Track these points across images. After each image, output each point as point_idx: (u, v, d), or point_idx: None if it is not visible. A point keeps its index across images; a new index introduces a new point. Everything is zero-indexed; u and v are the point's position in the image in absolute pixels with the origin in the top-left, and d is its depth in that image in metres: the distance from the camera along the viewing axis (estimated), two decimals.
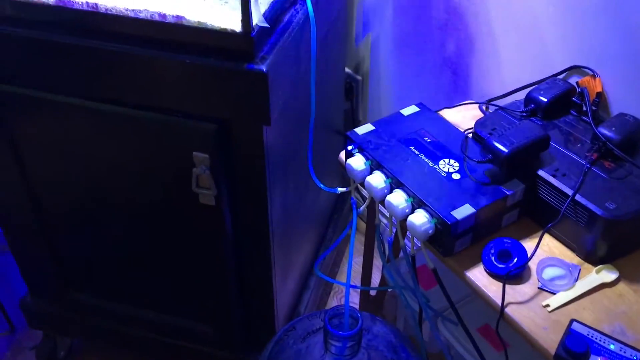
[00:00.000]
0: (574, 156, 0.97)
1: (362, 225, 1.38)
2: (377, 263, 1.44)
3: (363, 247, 1.36)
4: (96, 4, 0.89)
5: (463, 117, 1.20)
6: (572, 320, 0.83)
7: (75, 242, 1.26)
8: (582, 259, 0.93)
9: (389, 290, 1.39)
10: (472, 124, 1.08)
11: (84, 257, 1.29)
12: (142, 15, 0.88)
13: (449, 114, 1.19)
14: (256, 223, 1.09)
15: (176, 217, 1.11)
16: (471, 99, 1.31)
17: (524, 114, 1.06)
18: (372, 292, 1.46)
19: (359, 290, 1.54)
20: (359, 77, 1.67)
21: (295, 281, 1.41)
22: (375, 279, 1.58)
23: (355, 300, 1.58)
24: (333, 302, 1.67)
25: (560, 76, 1.09)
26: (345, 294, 1.13)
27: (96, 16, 0.90)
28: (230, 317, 1.26)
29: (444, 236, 0.91)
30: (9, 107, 1.04)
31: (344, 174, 1.07)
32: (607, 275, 0.90)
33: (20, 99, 1.02)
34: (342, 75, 1.55)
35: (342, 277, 1.71)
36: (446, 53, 1.34)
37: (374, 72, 1.62)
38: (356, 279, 1.63)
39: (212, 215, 1.05)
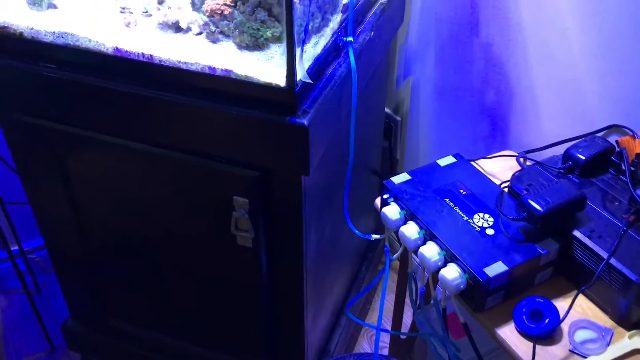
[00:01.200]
0: (610, 217, 0.96)
1: (396, 263, 1.39)
2: (409, 303, 1.45)
3: (395, 285, 1.37)
4: (151, 55, 0.94)
5: (500, 167, 1.21)
6: None
7: (116, 272, 1.31)
8: (615, 322, 0.92)
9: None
10: (509, 175, 1.08)
11: (124, 287, 1.34)
12: (193, 68, 0.93)
13: (486, 164, 1.20)
14: (291, 265, 1.12)
15: (214, 255, 1.15)
16: (509, 148, 1.31)
17: (561, 170, 1.06)
18: (402, 336, 1.46)
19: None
20: (398, 118, 1.70)
21: (326, 319, 1.43)
22: (407, 319, 1.59)
23: (385, 340, 1.58)
24: (363, 340, 1.67)
25: (600, 134, 1.09)
26: (375, 339, 1.14)
27: (150, 66, 0.95)
28: (262, 353, 1.28)
29: (476, 292, 0.92)
30: (65, 145, 1.11)
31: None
32: None
33: (75, 138, 1.09)
34: (382, 116, 1.58)
35: (373, 315, 1.72)
36: (485, 102, 1.36)
37: (413, 114, 1.65)
38: (387, 317, 1.64)
39: (248, 256, 1.09)
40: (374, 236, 1.13)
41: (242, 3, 0.93)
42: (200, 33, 0.97)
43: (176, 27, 0.97)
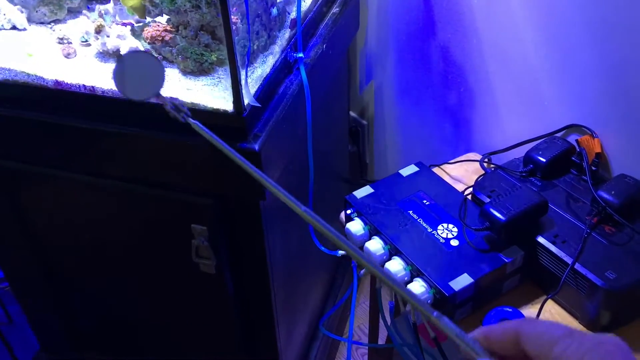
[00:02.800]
0: (573, 220, 0.95)
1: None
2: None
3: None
4: (93, 87, 0.91)
5: (465, 170, 1.19)
6: None
7: (83, 302, 1.28)
8: (585, 326, 0.91)
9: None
10: (474, 179, 1.07)
11: (93, 317, 1.31)
12: None
13: (451, 169, 1.19)
14: (257, 287, 1.09)
15: (181, 282, 1.13)
16: (474, 150, 1.30)
17: (523, 174, 1.05)
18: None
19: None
20: (365, 122, 1.68)
21: (303, 332, 1.41)
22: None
23: (365, 349, 1.57)
24: (344, 351, 1.66)
25: (560, 134, 1.08)
26: (347, 352, 1.13)
27: (93, 98, 0.92)
28: None
29: (443, 306, 0.91)
30: (15, 181, 1.07)
31: None
32: None
33: (24, 174, 1.05)
34: (345, 123, 1.56)
35: (355, 322, 1.71)
36: (448, 103, 1.34)
37: (379, 118, 1.63)
38: (366, 326, 1.62)
39: (213, 282, 1.06)
40: (341, 252, 1.12)
41: (184, 27, 0.90)
42: None
43: (117, 56, 0.94)
